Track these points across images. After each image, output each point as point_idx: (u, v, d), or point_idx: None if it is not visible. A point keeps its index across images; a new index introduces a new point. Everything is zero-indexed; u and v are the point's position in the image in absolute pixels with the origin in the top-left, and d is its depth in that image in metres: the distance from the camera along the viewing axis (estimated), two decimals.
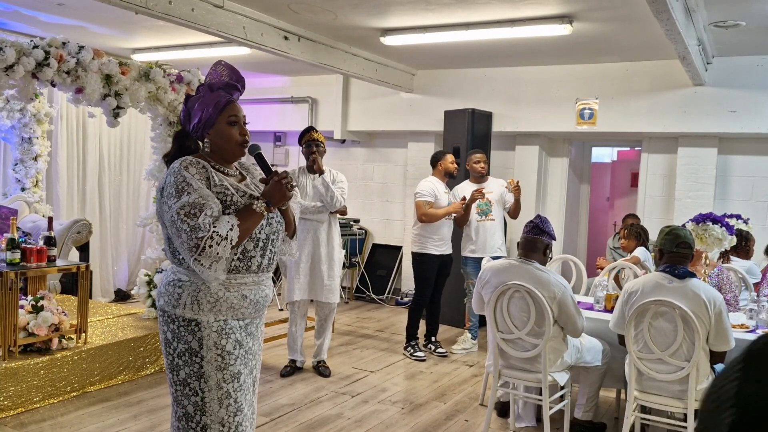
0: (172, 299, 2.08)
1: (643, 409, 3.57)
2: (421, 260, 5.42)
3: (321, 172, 4.67)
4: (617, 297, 3.83)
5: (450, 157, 5.50)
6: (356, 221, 8.04)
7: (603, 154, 9.49)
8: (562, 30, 5.01)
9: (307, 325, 5.05)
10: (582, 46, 5.74)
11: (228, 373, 2.09)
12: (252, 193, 2.14)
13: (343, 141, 8.15)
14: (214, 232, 1.93)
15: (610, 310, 4.02)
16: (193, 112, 2.16)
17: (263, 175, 2.30)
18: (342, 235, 5.03)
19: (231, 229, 1.97)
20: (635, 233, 5.69)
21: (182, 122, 2.23)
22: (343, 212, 4.96)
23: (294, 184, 2.16)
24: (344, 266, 6.46)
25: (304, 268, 4.72)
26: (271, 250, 2.18)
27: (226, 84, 2.19)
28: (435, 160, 5.51)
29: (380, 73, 6.82)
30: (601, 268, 5.47)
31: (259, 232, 2.13)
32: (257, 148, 2.24)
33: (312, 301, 4.87)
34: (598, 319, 3.99)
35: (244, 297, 2.12)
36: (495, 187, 5.50)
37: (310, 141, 4.68)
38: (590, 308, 4.23)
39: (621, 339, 3.50)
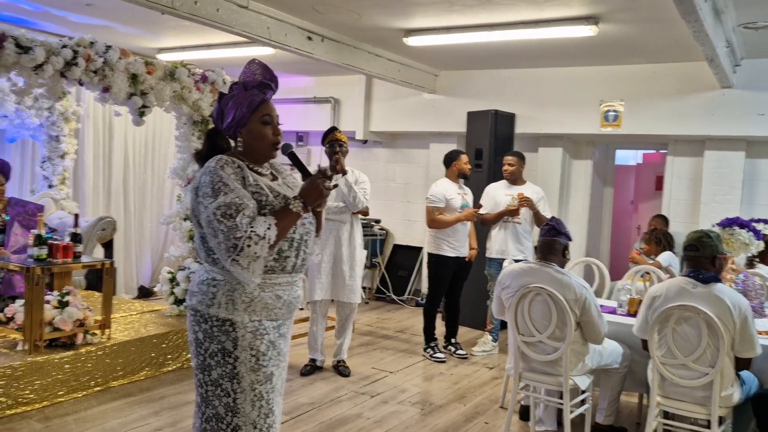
0: (206, 298, 2.06)
1: (666, 415, 3.52)
2: (436, 262, 5.40)
3: (344, 173, 4.68)
4: (640, 301, 3.79)
5: (464, 158, 5.46)
6: (377, 222, 8.04)
7: (627, 157, 9.38)
8: (588, 31, 4.96)
9: (327, 324, 5.07)
10: (607, 48, 5.69)
11: (261, 374, 2.07)
12: (286, 194, 2.11)
13: (366, 141, 8.16)
14: (252, 231, 1.91)
15: (633, 315, 3.98)
16: (227, 110, 2.14)
17: (294, 176, 2.29)
18: (363, 236, 5.04)
19: (269, 229, 1.95)
20: (656, 239, 5.63)
21: (215, 120, 2.21)
22: (365, 213, 4.97)
23: (330, 185, 2.12)
24: (365, 266, 6.46)
25: (326, 268, 4.73)
26: (304, 250, 2.17)
27: (259, 83, 2.16)
28: (449, 160, 5.47)
29: (403, 73, 6.82)
30: (635, 262, 5.40)
31: (294, 233, 2.11)
32: (290, 147, 2.22)
33: (333, 300, 4.88)
34: (621, 323, 3.95)
35: (278, 297, 2.11)
36: (529, 193, 5.43)
37: (333, 141, 4.69)
38: (613, 312, 4.19)
39: (644, 344, 3.46)
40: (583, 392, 3.68)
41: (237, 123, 2.12)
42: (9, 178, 5.17)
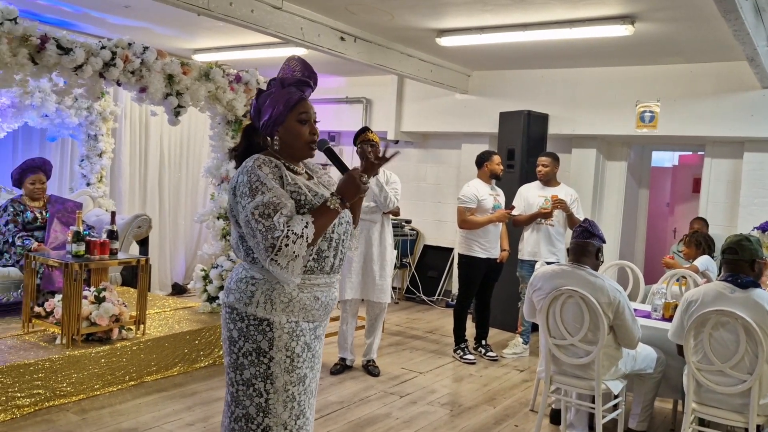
0: (244, 297, 2.03)
1: (701, 422, 3.45)
2: (467, 263, 5.37)
3: (375, 173, 4.68)
4: (676, 305, 3.72)
5: (497, 158, 5.42)
6: (408, 222, 8.04)
7: (663, 158, 9.22)
8: (624, 31, 4.89)
9: (357, 324, 5.08)
10: (643, 47, 5.59)
11: (295, 375, 2.04)
12: (323, 192, 2.08)
13: (397, 141, 8.16)
14: (289, 230, 1.88)
15: (668, 319, 3.91)
16: (264, 108, 2.11)
17: (328, 175, 2.26)
18: (394, 236, 5.04)
19: (306, 227, 1.91)
20: (696, 241, 5.50)
21: (252, 117, 2.18)
22: (396, 213, 4.97)
23: (366, 180, 2.08)
24: (395, 267, 6.47)
25: (356, 268, 4.75)
26: (341, 250, 2.13)
27: (298, 80, 2.12)
28: (481, 161, 5.44)
29: (435, 73, 6.81)
30: (668, 266, 5.30)
31: (332, 232, 2.07)
32: (326, 143, 2.16)
33: (363, 300, 4.90)
34: (656, 327, 3.88)
35: (316, 298, 2.08)
36: (563, 194, 5.36)
37: (365, 141, 4.70)
38: (647, 316, 4.12)
39: (680, 349, 3.40)
40: (616, 397, 3.63)
41: (274, 121, 2.09)
42: (50, 177, 5.31)
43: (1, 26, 3.68)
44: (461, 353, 5.39)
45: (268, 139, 2.13)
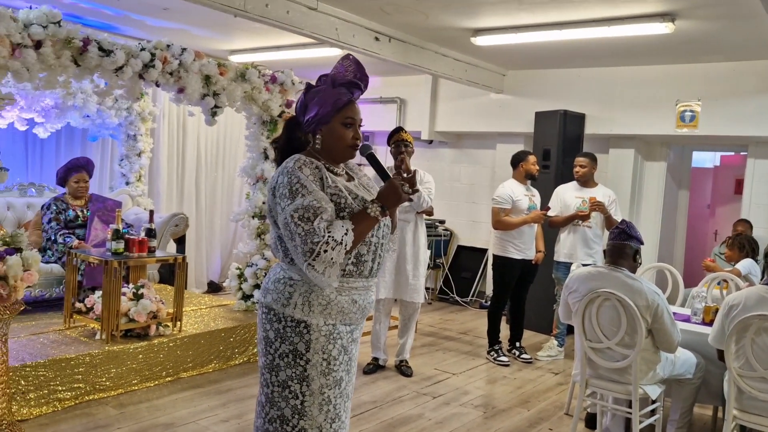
0: (282, 297, 2.02)
1: (743, 429, 3.36)
2: (501, 264, 5.32)
3: (409, 173, 4.66)
4: (716, 309, 3.63)
5: (532, 158, 5.36)
6: (442, 222, 8.01)
7: (704, 159, 9.00)
8: (664, 29, 4.79)
9: (390, 323, 5.09)
10: (684, 45, 5.47)
11: (332, 378, 2.02)
12: (363, 196, 2.06)
13: (431, 141, 8.14)
14: (329, 236, 1.86)
15: (709, 323, 3.82)
16: (311, 105, 2.07)
17: (367, 176, 2.24)
18: (427, 236, 5.02)
19: (346, 234, 1.89)
20: (739, 244, 5.37)
21: (296, 112, 2.14)
22: (430, 213, 4.95)
23: (410, 191, 2.03)
24: (429, 267, 6.45)
25: (390, 267, 4.75)
26: (380, 255, 2.11)
27: (349, 81, 2.07)
28: (516, 161, 5.38)
29: (470, 73, 6.77)
30: (708, 269, 5.19)
31: (372, 236, 2.05)
32: (369, 148, 2.14)
33: (396, 300, 4.90)
34: (695, 332, 3.79)
35: (354, 302, 2.06)
36: (601, 196, 5.29)
37: (398, 141, 4.70)
38: (687, 320, 4.03)
39: (720, 354, 3.31)
40: (654, 402, 3.56)
41: (319, 120, 2.06)
42: (92, 176, 5.44)
43: (45, 29, 3.78)
44: (495, 355, 5.35)
45: (309, 136, 2.11)
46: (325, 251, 1.86)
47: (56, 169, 5.41)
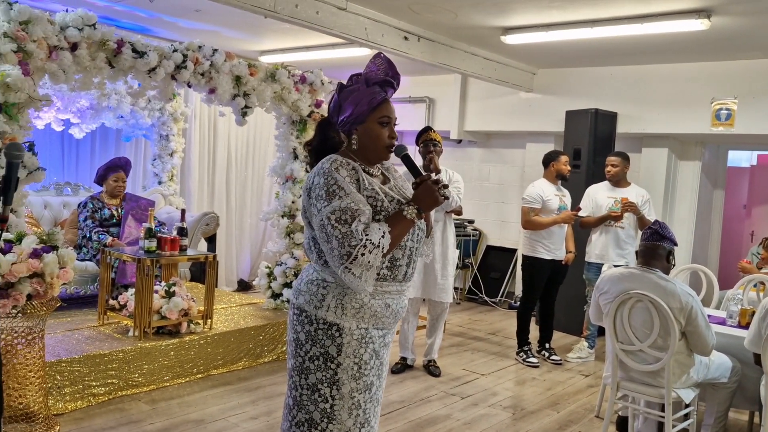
0: (315, 299, 1.98)
1: None
2: (531, 264, 5.28)
3: (437, 172, 4.67)
4: (753, 312, 3.55)
5: (564, 158, 5.30)
6: (471, 222, 7.97)
7: (740, 158, 8.81)
8: (699, 25, 4.69)
9: (418, 323, 5.08)
10: (720, 42, 5.35)
11: (362, 383, 1.99)
12: (399, 198, 2.03)
13: (460, 141, 8.11)
14: (367, 240, 1.83)
15: (745, 326, 3.74)
16: (345, 104, 2.04)
17: (403, 177, 2.21)
18: (456, 236, 5.00)
19: (383, 237, 1.86)
20: None
21: (330, 112, 2.11)
22: (459, 212, 4.93)
23: (445, 193, 2.00)
24: (457, 267, 6.42)
25: (418, 266, 4.72)
26: (414, 259, 2.08)
27: (383, 80, 2.05)
28: (548, 161, 5.33)
29: (500, 72, 6.72)
30: (744, 271, 5.07)
31: (407, 240, 2.02)
32: (404, 149, 2.11)
33: (424, 299, 4.88)
34: (731, 335, 3.71)
35: (387, 306, 2.03)
36: (633, 196, 5.22)
37: (427, 141, 4.69)
38: (722, 323, 3.95)
39: (757, 358, 3.24)
40: (687, 406, 3.49)
41: (354, 119, 2.03)
42: (128, 175, 5.54)
43: (80, 32, 3.85)
44: (524, 356, 5.31)
45: (344, 135, 2.09)
46: (363, 254, 1.83)
47: (91, 168, 5.53)
